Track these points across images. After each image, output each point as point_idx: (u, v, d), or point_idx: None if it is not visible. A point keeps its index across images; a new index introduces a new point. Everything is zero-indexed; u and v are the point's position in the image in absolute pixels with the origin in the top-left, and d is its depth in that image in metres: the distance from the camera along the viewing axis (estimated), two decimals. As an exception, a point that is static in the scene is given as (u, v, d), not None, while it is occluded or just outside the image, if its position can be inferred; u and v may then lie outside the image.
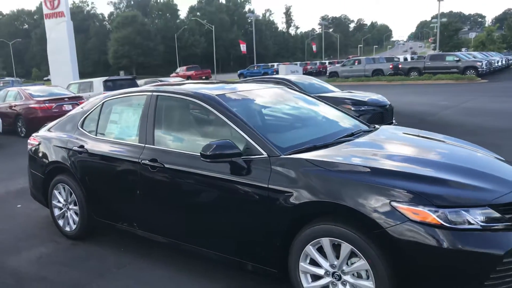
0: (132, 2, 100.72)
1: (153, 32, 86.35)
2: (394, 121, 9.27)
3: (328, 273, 2.52)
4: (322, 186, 2.46)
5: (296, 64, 43.47)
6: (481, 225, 2.18)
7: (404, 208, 2.21)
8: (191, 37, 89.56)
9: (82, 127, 4.02)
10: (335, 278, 2.49)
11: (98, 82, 14.05)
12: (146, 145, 3.36)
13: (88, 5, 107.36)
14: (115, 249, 3.86)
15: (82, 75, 59.21)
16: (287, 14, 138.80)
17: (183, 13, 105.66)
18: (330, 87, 10.33)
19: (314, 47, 75.95)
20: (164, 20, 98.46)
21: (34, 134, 4.59)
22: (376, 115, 8.65)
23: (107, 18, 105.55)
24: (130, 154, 3.43)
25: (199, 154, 2.81)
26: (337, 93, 9.76)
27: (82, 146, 3.84)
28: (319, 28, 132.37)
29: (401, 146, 3.12)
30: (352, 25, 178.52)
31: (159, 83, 13.68)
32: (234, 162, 2.78)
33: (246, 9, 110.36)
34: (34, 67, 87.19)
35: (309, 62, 51.68)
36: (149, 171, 3.25)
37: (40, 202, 4.58)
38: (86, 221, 3.95)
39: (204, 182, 2.96)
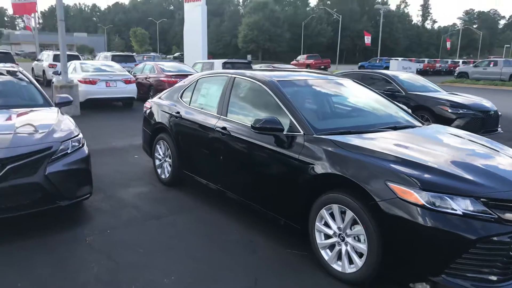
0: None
1: (282, 19, 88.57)
2: (499, 129, 8.76)
3: (335, 234, 3.06)
4: (336, 162, 3.00)
5: (423, 60, 41.01)
6: (462, 212, 2.51)
7: (394, 187, 2.65)
8: (318, 26, 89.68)
9: (181, 97, 5.06)
10: (340, 239, 3.03)
11: (218, 63, 15.65)
12: (221, 116, 4.22)
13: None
14: (192, 195, 4.85)
15: (214, 55, 64.00)
16: (425, 6, 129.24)
17: (313, 1, 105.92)
18: (435, 87, 10.07)
19: (448, 44, 69.88)
20: (293, 7, 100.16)
21: (148, 100, 5.82)
22: (476, 120, 8.32)
23: (241, 3, 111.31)
24: (209, 121, 4.33)
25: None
26: (440, 93, 9.51)
27: (178, 112, 4.88)
28: (460, 23, 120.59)
29: (426, 141, 3.43)
30: (502, 22, 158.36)
31: (271, 68, 14.68)
32: (277, 135, 3.45)
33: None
34: (174, 45, 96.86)
35: (438, 60, 48.09)
36: (221, 136, 4.10)
37: (147, 154, 5.82)
38: (176, 172, 5.01)
39: (255, 149, 3.69)
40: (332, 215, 3.07)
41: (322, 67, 41.90)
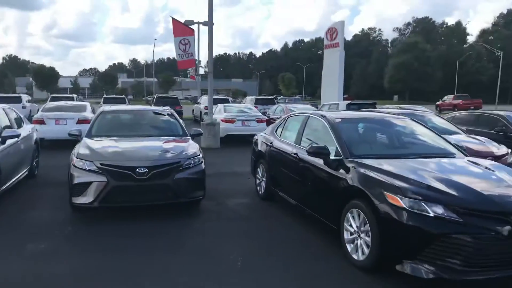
0: (417, 29, 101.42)
1: (433, 58, 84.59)
2: None
3: (355, 231, 4.08)
4: (358, 178, 4.09)
5: None
6: (433, 215, 3.36)
7: (387, 194, 3.63)
8: (477, 63, 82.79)
9: (275, 131, 6.61)
10: (357, 235, 4.04)
11: (342, 104, 16.89)
12: (296, 145, 5.60)
13: (375, 31, 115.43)
14: (279, 207, 6.22)
15: (359, 97, 64.40)
16: None
17: (472, 38, 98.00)
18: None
19: None
20: (447, 45, 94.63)
21: (258, 134, 7.53)
22: None
23: (389, 44, 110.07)
24: (290, 149, 5.73)
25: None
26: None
27: (271, 142, 6.41)
28: None
29: (444, 167, 4.26)
30: None
31: (400, 111, 15.08)
32: (325, 158, 4.66)
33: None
34: (318, 87, 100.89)
35: None
36: (295, 159, 5.47)
37: (253, 176, 7.40)
38: (268, 189, 6.46)
39: (311, 167, 4.95)
40: (354, 217, 4.12)
41: (472, 107, 38.96)
